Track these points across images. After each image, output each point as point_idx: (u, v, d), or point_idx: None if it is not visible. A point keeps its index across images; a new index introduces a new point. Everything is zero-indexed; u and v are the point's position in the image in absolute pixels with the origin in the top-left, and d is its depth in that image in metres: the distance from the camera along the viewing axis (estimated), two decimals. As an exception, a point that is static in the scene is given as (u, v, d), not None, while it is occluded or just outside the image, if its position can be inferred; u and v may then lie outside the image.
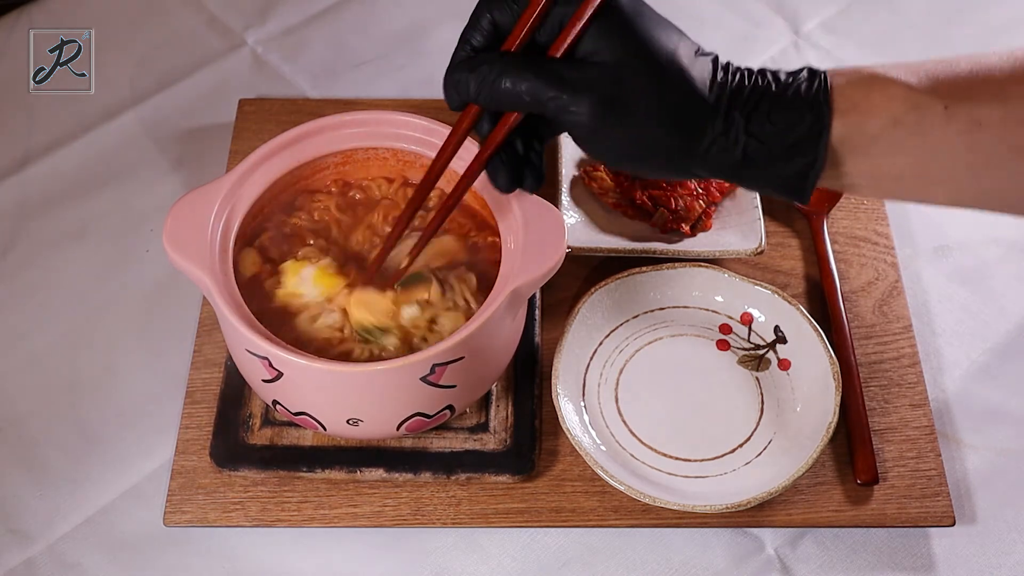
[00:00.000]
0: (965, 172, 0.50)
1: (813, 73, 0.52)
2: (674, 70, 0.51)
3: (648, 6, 0.53)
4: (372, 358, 0.64)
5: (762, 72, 0.52)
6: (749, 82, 0.52)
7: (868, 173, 0.52)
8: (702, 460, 0.72)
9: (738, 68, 0.53)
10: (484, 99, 0.53)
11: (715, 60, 0.53)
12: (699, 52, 0.53)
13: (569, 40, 0.51)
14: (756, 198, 0.81)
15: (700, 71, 0.52)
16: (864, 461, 0.71)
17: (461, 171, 0.60)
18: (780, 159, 0.52)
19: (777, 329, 0.77)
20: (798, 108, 0.51)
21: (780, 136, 0.51)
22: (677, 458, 0.72)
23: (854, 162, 0.52)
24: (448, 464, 0.71)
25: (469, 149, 0.61)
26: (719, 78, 0.52)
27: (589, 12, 0.51)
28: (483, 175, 0.58)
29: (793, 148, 0.51)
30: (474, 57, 0.54)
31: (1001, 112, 0.49)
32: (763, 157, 0.52)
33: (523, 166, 0.57)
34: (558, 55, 0.52)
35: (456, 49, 0.55)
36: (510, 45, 0.53)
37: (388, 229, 0.69)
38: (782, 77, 0.52)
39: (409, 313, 0.65)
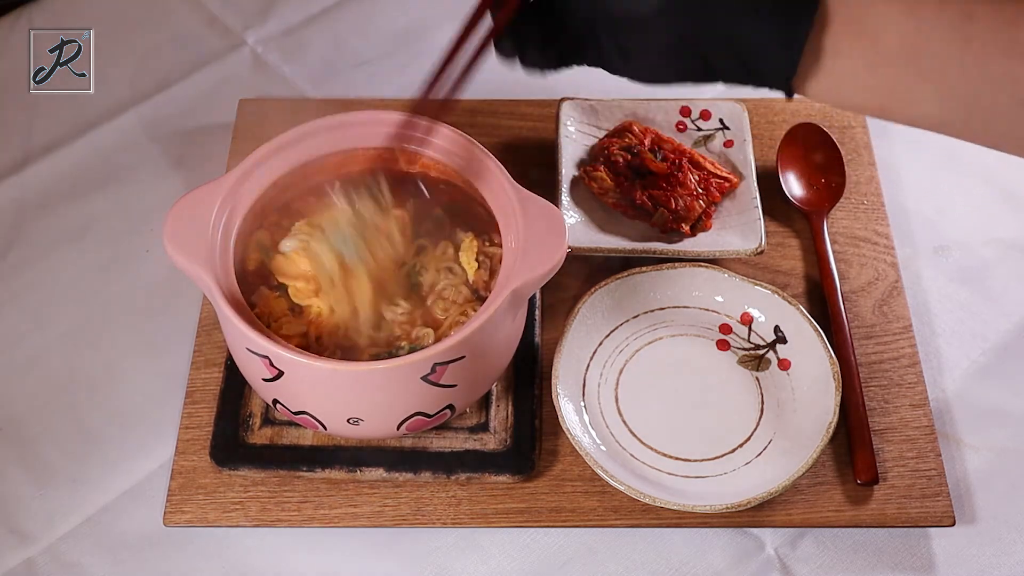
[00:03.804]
0: (957, 70, 0.50)
1: None
2: None
3: None
4: (376, 354, 0.64)
5: None
6: None
7: (860, 53, 0.52)
8: (702, 460, 0.72)
9: None
10: None
11: None
12: None
13: None
14: (756, 198, 0.81)
15: None
16: (864, 461, 0.71)
17: None
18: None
19: (777, 329, 0.77)
20: None
21: None
22: (677, 458, 0.72)
23: (847, 37, 0.51)
24: (448, 464, 0.71)
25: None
26: None
27: None
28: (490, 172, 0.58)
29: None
30: None
31: (993, 8, 0.49)
32: None
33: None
34: None
35: None
36: None
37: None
38: None
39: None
